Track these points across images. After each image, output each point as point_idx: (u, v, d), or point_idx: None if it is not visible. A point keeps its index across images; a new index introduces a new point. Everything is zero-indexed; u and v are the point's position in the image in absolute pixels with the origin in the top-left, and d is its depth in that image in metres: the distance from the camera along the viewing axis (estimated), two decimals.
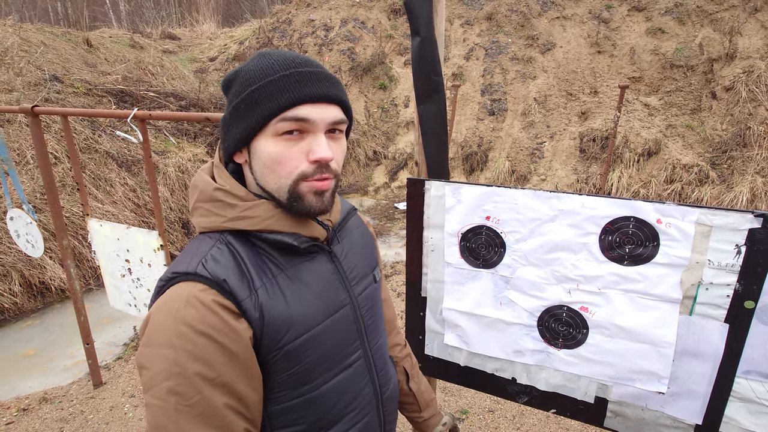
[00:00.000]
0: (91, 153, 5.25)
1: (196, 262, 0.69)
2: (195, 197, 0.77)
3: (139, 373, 0.67)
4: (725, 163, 5.71)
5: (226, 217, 0.73)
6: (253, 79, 0.71)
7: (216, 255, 0.71)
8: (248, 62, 0.75)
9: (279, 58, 0.73)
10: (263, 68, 0.72)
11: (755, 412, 1.11)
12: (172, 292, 0.67)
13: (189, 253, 0.73)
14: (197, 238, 0.77)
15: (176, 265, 0.71)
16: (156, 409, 0.62)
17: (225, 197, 0.74)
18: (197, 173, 0.80)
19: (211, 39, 11.50)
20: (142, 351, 0.66)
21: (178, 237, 5.36)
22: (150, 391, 0.63)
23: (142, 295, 2.33)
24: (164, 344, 0.63)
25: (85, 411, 2.67)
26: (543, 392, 1.37)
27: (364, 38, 9.08)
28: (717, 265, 1.06)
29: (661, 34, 7.14)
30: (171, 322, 0.64)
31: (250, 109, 0.71)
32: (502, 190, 1.28)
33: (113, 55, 8.33)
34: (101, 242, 2.36)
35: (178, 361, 0.62)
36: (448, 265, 1.41)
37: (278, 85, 0.70)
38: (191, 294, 0.66)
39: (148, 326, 0.67)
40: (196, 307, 0.65)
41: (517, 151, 6.98)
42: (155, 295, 0.71)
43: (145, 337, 0.66)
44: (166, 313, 0.65)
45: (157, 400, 0.62)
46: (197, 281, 0.67)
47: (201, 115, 1.81)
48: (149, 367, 0.64)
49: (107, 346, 3.42)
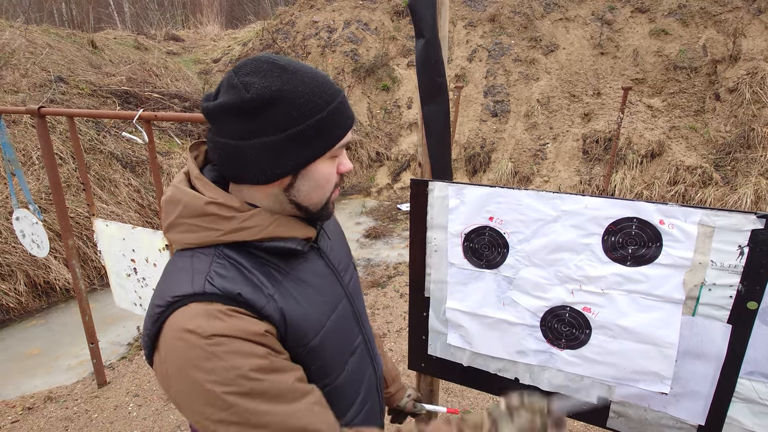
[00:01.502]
0: (95, 154, 5.28)
1: (201, 282, 0.68)
2: (176, 213, 0.74)
3: (179, 403, 0.68)
4: (729, 164, 5.70)
5: (222, 231, 0.72)
6: (318, 105, 0.72)
7: (219, 270, 0.70)
8: (285, 80, 0.70)
9: (322, 78, 0.74)
10: (320, 92, 0.72)
11: (758, 412, 1.11)
12: (183, 314, 0.67)
13: (181, 272, 0.71)
14: (181, 254, 0.74)
15: (171, 288, 0.69)
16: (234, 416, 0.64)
17: (220, 210, 0.72)
18: (173, 188, 0.76)
19: (215, 41, 11.55)
20: (177, 380, 0.66)
21: None
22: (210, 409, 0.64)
23: (147, 295, 2.34)
24: (202, 359, 0.64)
25: (90, 410, 2.69)
26: (546, 393, 1.37)
27: (367, 40, 9.10)
28: (720, 266, 1.07)
29: (665, 36, 7.13)
30: (195, 339, 0.64)
31: (323, 136, 0.73)
32: (505, 191, 1.28)
33: (118, 56, 8.38)
34: (107, 242, 2.38)
35: (229, 368, 0.64)
36: (452, 266, 1.42)
37: (340, 112, 0.74)
38: (209, 310, 0.66)
39: (168, 359, 0.66)
40: (220, 318, 0.66)
41: (519, 152, 6.98)
42: (153, 323, 0.69)
43: (172, 366, 0.66)
44: (186, 334, 0.65)
45: (225, 411, 0.64)
46: (209, 301, 0.67)
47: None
48: (193, 389, 0.64)
49: (111, 346, 3.44)
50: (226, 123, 0.71)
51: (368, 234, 5.60)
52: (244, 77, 0.70)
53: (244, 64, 0.72)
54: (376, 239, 5.48)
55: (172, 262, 0.76)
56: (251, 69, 0.71)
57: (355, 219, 6.21)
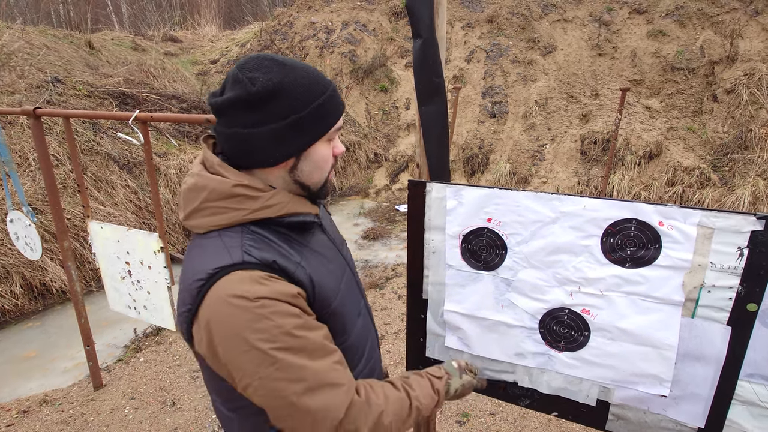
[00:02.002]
0: (92, 155, 5.26)
1: (239, 253, 0.77)
2: (201, 198, 0.82)
3: (228, 369, 0.76)
4: (726, 165, 5.70)
5: (249, 210, 0.81)
6: (314, 94, 0.82)
7: (252, 243, 0.80)
8: (285, 73, 0.80)
9: (314, 72, 0.85)
10: (315, 83, 0.83)
11: (758, 415, 1.10)
12: (228, 282, 0.75)
13: (214, 249, 0.79)
14: (206, 236, 0.82)
15: (208, 262, 0.77)
16: (278, 371, 0.74)
17: (246, 191, 0.81)
18: (195, 176, 0.83)
19: (213, 41, 11.54)
20: (226, 345, 0.74)
21: (179, 239, 5.36)
22: (259, 366, 0.74)
23: (141, 298, 2.33)
24: (251, 320, 0.73)
25: (86, 413, 2.67)
26: (544, 395, 1.36)
27: (365, 41, 9.10)
28: (719, 267, 1.06)
29: (662, 37, 7.15)
30: (244, 303, 0.73)
31: (319, 121, 0.84)
32: (503, 192, 1.28)
33: (115, 57, 8.36)
34: (101, 244, 2.37)
35: (274, 326, 0.74)
36: (450, 268, 1.41)
37: (333, 100, 0.85)
38: (252, 276, 0.76)
39: (216, 325, 0.74)
40: (262, 283, 0.76)
41: (518, 153, 6.98)
42: (193, 296, 0.76)
43: (222, 330, 0.74)
44: (235, 299, 0.73)
45: (272, 366, 0.74)
46: (249, 268, 0.76)
47: (202, 117, 1.81)
48: (244, 348, 0.73)
49: (108, 348, 3.42)
50: (234, 115, 0.81)
51: (366, 235, 5.58)
52: (248, 73, 0.79)
53: (246, 62, 0.81)
54: (374, 240, 5.47)
55: (197, 244, 0.83)
56: (254, 66, 0.80)
57: (353, 220, 6.19)
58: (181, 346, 3.31)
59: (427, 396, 0.97)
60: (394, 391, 0.91)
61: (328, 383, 0.78)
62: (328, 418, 0.77)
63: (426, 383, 0.99)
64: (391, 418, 0.86)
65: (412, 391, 0.94)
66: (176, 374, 2.99)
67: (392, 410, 0.87)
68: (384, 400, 0.87)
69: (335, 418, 0.78)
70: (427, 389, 0.98)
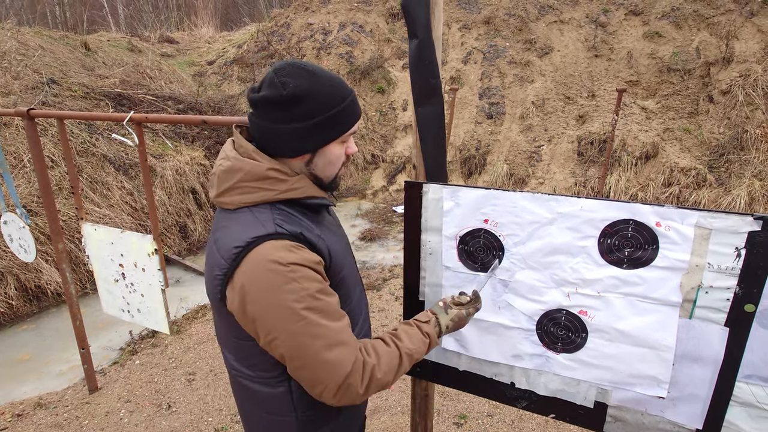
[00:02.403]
0: (88, 156, 5.23)
1: (272, 225, 0.91)
2: (236, 179, 0.95)
3: (256, 324, 0.89)
4: (723, 166, 5.72)
5: (278, 191, 0.95)
6: (334, 102, 0.96)
7: (281, 217, 0.94)
8: (312, 82, 0.94)
9: (338, 81, 0.98)
10: (337, 92, 0.96)
11: (756, 416, 1.10)
12: (264, 249, 0.88)
13: (249, 222, 0.92)
14: (239, 212, 0.95)
15: (244, 233, 0.90)
16: (303, 327, 0.88)
17: (278, 174, 0.95)
18: (232, 159, 0.96)
19: (210, 43, 11.51)
20: (259, 303, 0.87)
21: (175, 241, 5.34)
22: (287, 323, 0.87)
23: (135, 300, 2.31)
24: (284, 282, 0.86)
25: (80, 416, 2.65)
26: (542, 397, 1.35)
27: (362, 42, 9.09)
28: (717, 268, 1.06)
29: (658, 38, 7.17)
30: (278, 267, 0.86)
31: (336, 126, 0.97)
32: (500, 193, 1.27)
33: (111, 58, 8.33)
34: (95, 246, 2.35)
35: (301, 288, 0.87)
36: (446, 269, 1.40)
37: (352, 108, 0.99)
38: (284, 245, 0.89)
39: (252, 285, 0.87)
40: (292, 251, 0.89)
41: (515, 154, 6.99)
42: (231, 261, 0.89)
43: (257, 290, 0.87)
44: (270, 263, 0.87)
45: (299, 323, 0.87)
46: (281, 238, 0.90)
47: (198, 118, 1.80)
48: (276, 306, 0.86)
49: (103, 351, 3.40)
50: (266, 111, 0.95)
51: (363, 236, 5.57)
52: (282, 78, 0.93)
53: (282, 67, 0.95)
54: (371, 242, 5.46)
55: (228, 218, 0.96)
56: (287, 71, 0.94)
57: (350, 221, 6.18)
58: (177, 348, 3.29)
59: (416, 342, 1.06)
60: (384, 346, 1.02)
61: (342, 341, 0.92)
62: (339, 371, 0.90)
63: (414, 331, 1.09)
64: (384, 370, 0.98)
65: (401, 342, 1.04)
66: (172, 377, 2.97)
67: (384, 363, 0.98)
68: (376, 356, 0.98)
69: (344, 371, 0.91)
70: (416, 336, 1.08)
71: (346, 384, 0.92)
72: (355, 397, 0.94)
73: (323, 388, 0.92)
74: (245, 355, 1.01)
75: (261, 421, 1.08)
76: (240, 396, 1.10)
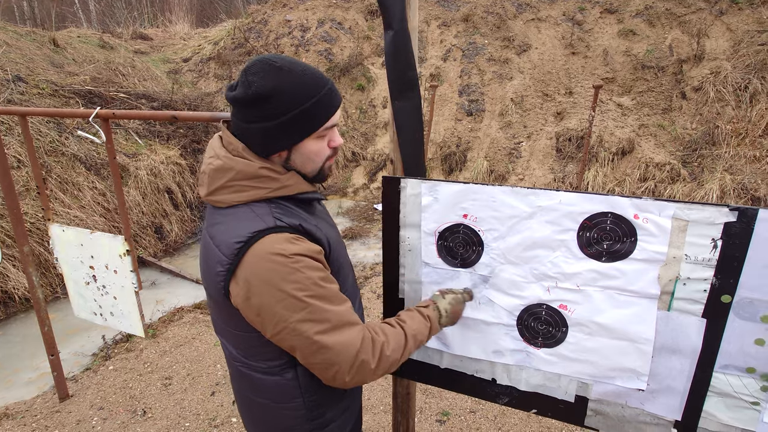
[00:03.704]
0: (57, 156, 5.05)
1: (270, 219, 0.92)
2: (227, 177, 0.95)
3: (261, 317, 0.90)
4: (695, 161, 5.87)
5: (270, 189, 0.96)
6: (302, 98, 0.93)
7: (279, 211, 0.95)
8: (279, 79, 0.91)
9: (310, 75, 0.94)
10: (305, 87, 0.93)
11: (732, 406, 1.11)
12: (266, 242, 0.89)
13: (248, 217, 0.93)
14: (237, 209, 0.95)
15: (244, 228, 0.91)
16: (309, 314, 0.90)
17: (269, 173, 0.96)
18: (224, 159, 0.95)
19: (185, 39, 11.26)
20: (263, 295, 0.88)
21: (150, 242, 5.20)
22: (293, 312, 0.89)
23: (107, 303, 2.23)
24: (287, 273, 0.88)
25: (50, 426, 2.54)
26: (523, 392, 1.35)
27: (341, 39, 9.02)
28: (694, 259, 1.06)
29: (633, 36, 7.30)
30: (281, 258, 0.88)
31: (306, 122, 0.95)
32: (479, 188, 1.25)
33: (81, 55, 8.06)
34: (63, 248, 2.25)
35: (305, 277, 0.89)
36: (426, 266, 1.38)
37: (324, 102, 0.96)
38: (286, 237, 0.91)
39: (255, 277, 0.88)
40: (293, 242, 0.91)
41: (495, 151, 7.03)
42: (233, 256, 0.90)
43: (260, 283, 0.88)
44: (274, 256, 0.88)
45: (305, 311, 0.89)
46: (281, 231, 0.91)
47: (167, 114, 1.74)
48: (281, 297, 0.88)
49: (75, 357, 3.27)
50: (237, 109, 0.95)
51: (345, 235, 5.53)
52: (249, 76, 0.92)
53: (251, 65, 0.93)
54: (352, 240, 5.42)
55: (224, 215, 0.96)
56: (256, 69, 0.92)
57: None
58: (152, 353, 3.19)
59: (419, 324, 1.12)
60: (391, 327, 1.06)
61: (347, 322, 0.95)
62: (350, 350, 0.94)
63: (416, 314, 1.15)
64: (392, 347, 1.01)
65: (405, 324, 1.09)
66: (147, 382, 2.88)
67: (392, 341, 1.02)
68: (384, 335, 1.02)
69: (355, 349, 0.94)
70: (417, 319, 1.13)
71: (358, 361, 0.95)
72: (368, 373, 0.97)
73: (337, 370, 0.94)
74: (249, 345, 1.01)
75: (267, 410, 1.08)
76: (242, 386, 1.10)
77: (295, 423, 1.07)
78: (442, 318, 1.19)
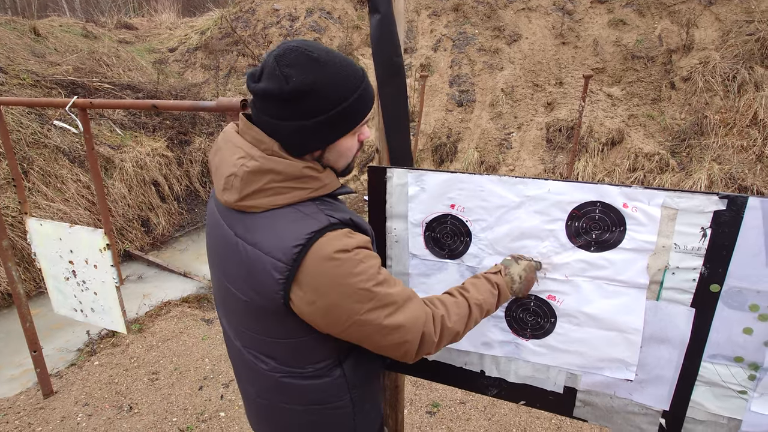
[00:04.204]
0: (39, 148, 4.93)
1: (324, 218, 0.89)
2: (265, 180, 0.88)
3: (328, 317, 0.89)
4: (684, 151, 5.90)
5: (312, 188, 0.92)
6: (342, 96, 0.88)
7: (327, 208, 0.93)
8: (319, 73, 0.85)
9: (349, 68, 0.89)
10: (345, 83, 0.88)
11: (720, 395, 1.10)
12: (325, 242, 0.86)
13: (298, 219, 0.89)
14: (279, 211, 0.90)
15: (298, 230, 0.87)
16: (377, 302, 0.89)
17: (311, 172, 0.92)
18: (261, 159, 0.88)
19: (171, 29, 11.03)
20: (330, 294, 0.87)
21: (137, 235, 5.12)
22: (362, 303, 0.88)
23: (88, 299, 2.17)
24: (352, 266, 0.87)
25: (33, 423, 2.49)
26: (512, 384, 1.33)
27: (330, 29, 8.90)
28: (683, 248, 1.04)
29: (623, 26, 7.29)
30: (345, 255, 0.87)
31: (346, 121, 0.91)
32: (466, 177, 1.22)
33: (64, 45, 7.86)
34: (42, 243, 2.19)
35: (368, 267, 0.89)
36: (413, 257, 1.35)
37: (363, 98, 0.92)
38: (343, 233, 0.89)
39: (321, 277, 0.86)
40: (351, 236, 0.90)
41: (485, 141, 7.01)
42: (293, 261, 0.86)
43: (327, 282, 0.86)
44: (337, 253, 0.86)
45: (373, 300, 0.89)
46: (336, 228, 0.89)
47: (147, 103, 1.68)
48: (349, 293, 0.87)
49: (59, 353, 3.22)
50: (267, 104, 0.88)
51: None
52: (285, 69, 0.84)
53: (284, 54, 0.85)
54: None
55: (262, 217, 0.90)
56: (290, 61, 0.85)
57: None
58: (139, 347, 3.15)
59: (484, 292, 1.08)
60: (451, 298, 1.05)
61: (408, 297, 0.95)
62: (417, 324, 0.94)
63: (482, 282, 1.10)
64: (454, 319, 1.00)
65: (468, 293, 1.06)
66: (134, 377, 2.84)
67: (453, 313, 1.01)
68: (443, 307, 1.01)
69: (421, 322, 0.95)
70: (483, 287, 1.09)
71: (425, 335, 0.95)
72: (432, 346, 0.98)
73: (408, 347, 0.94)
74: (297, 352, 0.99)
75: (312, 415, 1.05)
76: (282, 398, 1.04)
77: (343, 420, 1.07)
78: (515, 285, 1.14)
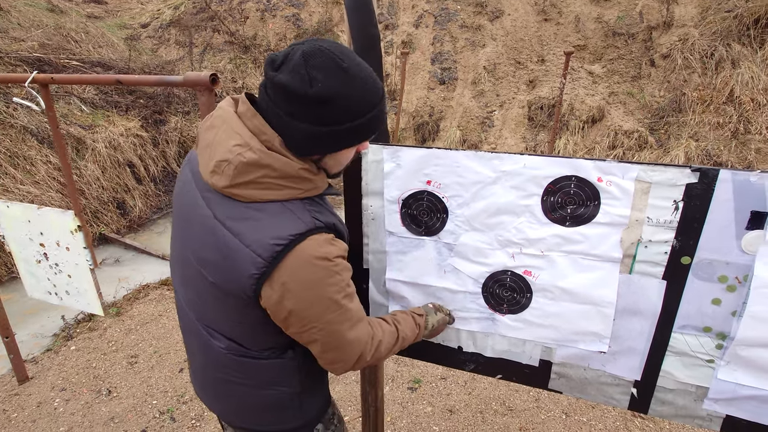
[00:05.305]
0: (6, 128, 4.72)
1: (310, 220, 0.89)
2: (262, 173, 0.86)
3: (290, 317, 0.89)
4: (662, 128, 5.97)
5: (303, 189, 0.91)
6: (361, 111, 0.87)
7: (314, 209, 0.92)
8: (344, 83, 0.83)
9: (372, 84, 0.88)
10: (366, 97, 0.87)
11: (689, 365, 1.13)
12: (309, 245, 0.86)
13: (284, 216, 0.88)
14: (270, 205, 0.88)
15: (283, 229, 0.86)
16: (340, 315, 0.92)
17: (307, 174, 0.90)
18: (260, 153, 0.86)
19: (143, 4, 10.58)
20: (300, 298, 0.87)
21: (113, 218, 5.00)
22: (327, 313, 0.90)
23: (62, 282, 2.11)
24: (327, 276, 0.88)
25: (8, 410, 2.45)
26: (489, 359, 1.35)
27: (309, 4, 8.65)
28: (656, 222, 1.05)
29: (604, 2, 7.26)
30: (325, 263, 0.87)
31: (358, 135, 0.91)
32: (442, 152, 1.20)
33: (28, 19, 7.47)
34: (10, 225, 2.11)
35: (341, 279, 0.91)
36: (390, 234, 1.34)
37: (378, 117, 0.92)
38: (327, 239, 0.90)
39: (296, 281, 0.86)
40: (333, 244, 0.90)
41: (468, 120, 6.98)
42: (272, 259, 0.84)
43: (301, 286, 0.86)
44: (318, 260, 0.86)
45: (338, 311, 0.91)
46: (320, 232, 0.89)
47: (111, 77, 1.61)
48: (319, 300, 0.88)
49: (34, 338, 3.15)
50: (282, 99, 0.84)
51: None
52: (311, 70, 0.81)
53: (313, 54, 0.82)
54: None
55: (252, 209, 0.88)
56: (318, 63, 0.82)
57: None
58: (117, 331, 3.10)
59: (410, 329, 1.16)
60: (387, 325, 1.10)
61: (360, 318, 0.98)
62: (359, 347, 0.98)
63: (410, 319, 1.18)
64: (385, 346, 1.05)
65: (400, 325, 1.13)
66: (112, 361, 2.80)
67: (386, 341, 1.06)
68: (382, 332, 1.05)
69: (364, 341, 0.99)
70: (410, 324, 1.16)
71: (361, 356, 0.99)
72: (362, 365, 1.02)
73: (343, 363, 0.98)
74: (253, 336, 0.99)
75: (259, 390, 1.06)
76: (229, 373, 1.04)
77: (288, 399, 1.07)
78: (425, 331, 1.22)
